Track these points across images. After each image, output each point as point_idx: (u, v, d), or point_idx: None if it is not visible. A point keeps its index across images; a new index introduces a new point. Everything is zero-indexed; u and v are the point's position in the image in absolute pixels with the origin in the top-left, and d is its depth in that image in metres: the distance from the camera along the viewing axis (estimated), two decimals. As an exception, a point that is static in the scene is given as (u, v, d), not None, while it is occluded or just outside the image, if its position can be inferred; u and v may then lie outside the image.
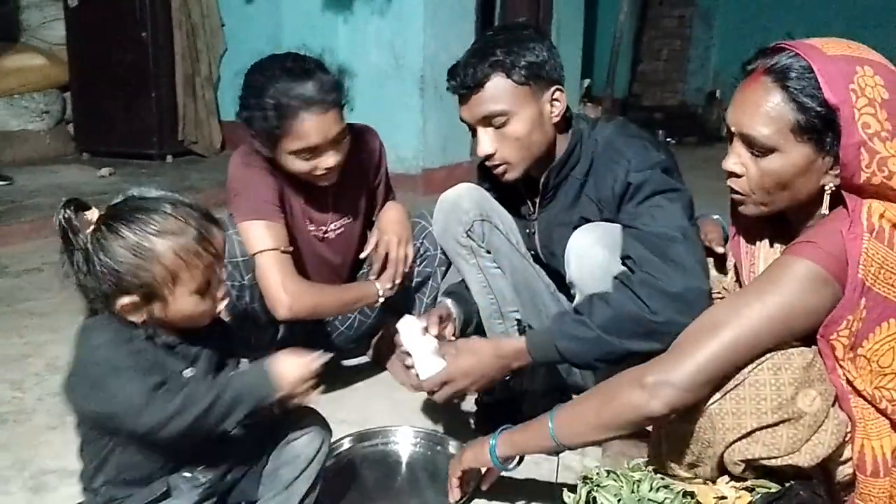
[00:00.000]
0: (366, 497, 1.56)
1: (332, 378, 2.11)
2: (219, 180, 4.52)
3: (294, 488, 1.33)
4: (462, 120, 1.55)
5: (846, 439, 1.14)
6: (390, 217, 1.93)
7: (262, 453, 1.34)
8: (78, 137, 5.36)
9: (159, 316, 1.17)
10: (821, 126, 1.10)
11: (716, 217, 1.59)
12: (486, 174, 1.83)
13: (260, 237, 1.66)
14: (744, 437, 1.12)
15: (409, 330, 1.54)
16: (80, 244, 1.12)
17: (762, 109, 1.12)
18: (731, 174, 1.20)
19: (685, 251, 1.35)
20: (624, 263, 1.41)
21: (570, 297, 1.58)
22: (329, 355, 1.25)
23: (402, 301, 2.04)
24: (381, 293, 1.84)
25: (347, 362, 2.23)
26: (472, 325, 1.82)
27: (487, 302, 1.76)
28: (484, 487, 1.44)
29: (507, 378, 1.70)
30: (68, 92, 5.35)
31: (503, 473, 1.42)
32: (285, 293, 1.64)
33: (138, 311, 1.15)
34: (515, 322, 1.75)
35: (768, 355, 1.11)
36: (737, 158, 1.19)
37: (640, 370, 1.16)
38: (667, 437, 1.25)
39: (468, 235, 1.70)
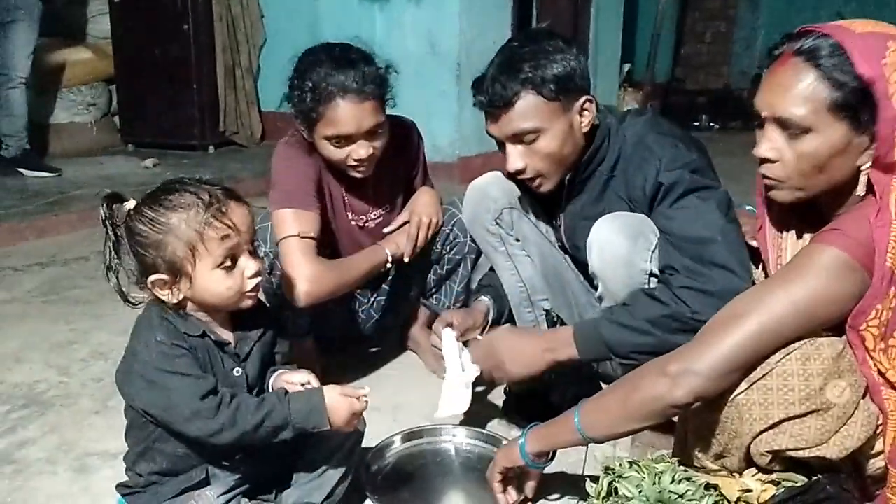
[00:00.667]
0: (417, 497, 1.53)
1: (363, 365, 2.15)
2: (259, 170, 4.61)
3: (327, 475, 1.35)
4: (489, 134, 1.54)
5: (877, 432, 1.11)
6: (422, 200, 1.95)
7: (298, 445, 1.36)
8: (123, 129, 5.50)
9: (189, 295, 1.21)
10: (856, 102, 1.08)
11: (749, 208, 1.56)
12: None
13: (286, 224, 1.69)
14: (771, 427, 1.11)
15: (449, 347, 1.56)
16: (118, 233, 1.20)
17: (796, 89, 1.10)
18: (765, 160, 1.17)
19: (725, 251, 1.33)
20: (663, 272, 1.41)
21: (596, 288, 1.58)
22: (364, 393, 1.28)
23: (431, 287, 2.07)
24: (389, 258, 1.84)
25: (377, 350, 2.26)
26: (504, 316, 1.82)
27: (517, 290, 1.76)
28: (530, 495, 1.42)
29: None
30: (114, 85, 5.49)
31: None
32: (304, 280, 1.65)
33: (170, 290, 1.20)
34: (544, 312, 1.74)
35: (797, 345, 1.09)
36: (770, 144, 1.16)
37: (663, 360, 1.15)
38: (693, 430, 1.24)
39: (497, 223, 1.70)
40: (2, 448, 1.73)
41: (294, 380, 1.32)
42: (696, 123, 7.65)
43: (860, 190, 1.13)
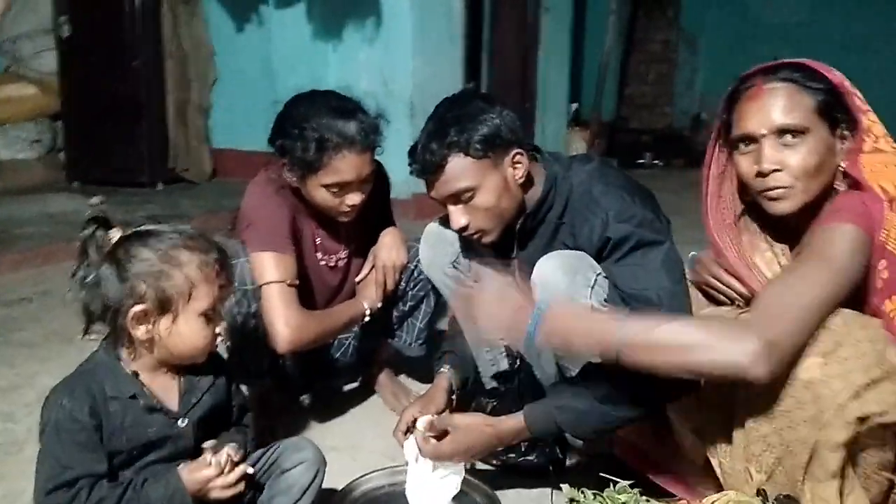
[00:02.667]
0: None
1: (322, 405, 2.13)
2: (209, 207, 4.56)
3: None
4: (431, 198, 1.58)
5: None
6: (385, 242, 1.97)
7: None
8: (69, 166, 5.37)
9: (161, 336, 1.20)
10: (832, 102, 1.29)
11: (693, 254, 1.61)
12: None
13: (268, 268, 1.69)
14: (854, 397, 1.15)
15: (409, 453, 1.54)
16: (101, 258, 1.18)
17: (785, 102, 1.29)
18: (773, 171, 1.30)
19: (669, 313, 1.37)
20: None
21: None
22: (245, 467, 1.26)
23: (394, 323, 2.07)
24: (367, 311, 1.87)
25: (339, 388, 2.24)
26: (470, 379, 1.85)
27: (475, 330, 1.78)
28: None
29: (496, 403, 1.73)
30: (60, 121, 5.38)
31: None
32: (287, 327, 1.67)
33: (146, 324, 1.19)
34: (504, 348, 1.76)
35: (849, 317, 1.19)
36: (771, 157, 1.30)
37: (742, 328, 1.19)
38: (746, 431, 1.26)
39: (454, 266, 1.72)
40: (-57, 500, 1.66)
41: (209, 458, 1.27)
42: (641, 161, 7.88)
43: (841, 186, 1.31)
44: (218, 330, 1.26)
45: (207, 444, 1.26)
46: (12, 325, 2.84)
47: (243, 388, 1.42)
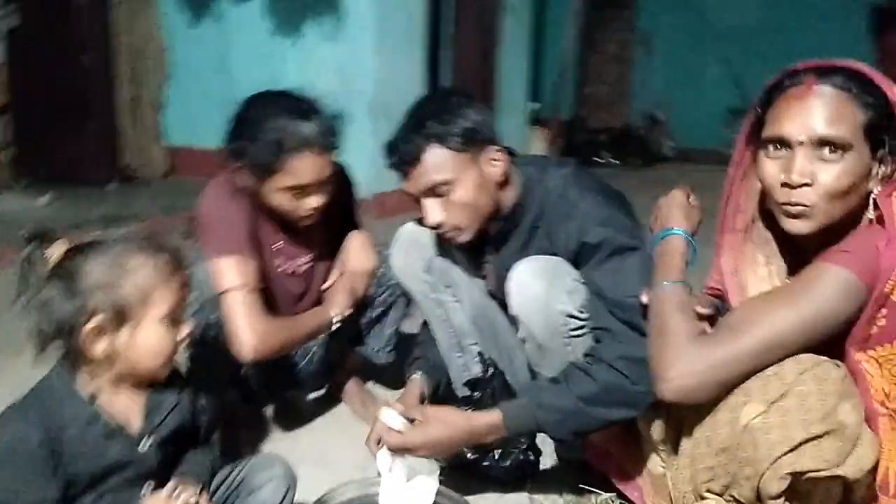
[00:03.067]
0: None
1: (288, 416, 2.07)
2: (163, 207, 4.42)
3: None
4: (406, 193, 1.55)
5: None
6: (353, 247, 1.93)
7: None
8: (15, 164, 5.15)
9: (123, 349, 1.14)
10: (882, 123, 1.17)
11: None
12: None
13: (229, 274, 1.63)
14: (791, 450, 1.11)
15: (382, 466, 1.51)
16: (47, 274, 1.11)
17: (835, 112, 1.16)
18: (803, 185, 1.18)
19: (634, 347, 1.37)
20: (596, 331, 1.46)
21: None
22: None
23: (362, 330, 2.03)
24: (334, 318, 1.82)
25: (306, 396, 2.19)
26: (441, 385, 1.83)
27: (447, 335, 1.76)
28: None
29: (468, 409, 1.70)
30: (5, 117, 5.15)
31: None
32: (251, 334, 1.61)
33: (103, 339, 1.12)
34: (477, 354, 1.74)
35: (807, 364, 1.12)
36: (804, 169, 1.18)
37: (671, 354, 1.16)
38: (694, 461, 1.24)
39: (427, 272, 1.69)
40: None
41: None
42: (600, 160, 7.96)
43: (870, 214, 1.20)
44: (181, 336, 1.21)
45: (169, 484, 1.19)
46: (-45, 333, 2.70)
47: (210, 402, 1.36)
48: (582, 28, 7.95)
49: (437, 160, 1.47)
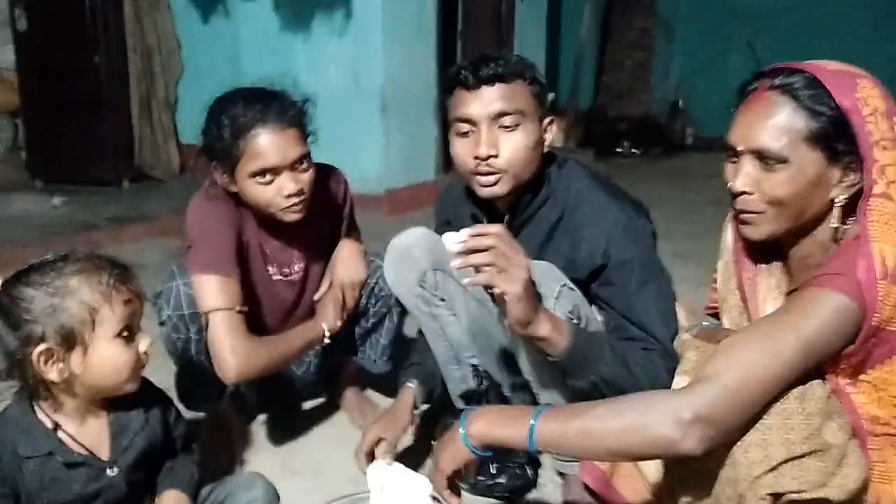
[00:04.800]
0: None
1: (284, 425, 2.04)
2: (177, 206, 4.42)
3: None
4: (458, 119, 1.46)
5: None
6: (342, 257, 1.88)
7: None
8: (30, 165, 5.21)
9: (78, 371, 1.11)
10: (833, 132, 1.11)
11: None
12: (445, 207, 1.78)
13: (212, 294, 1.59)
14: (771, 470, 1.07)
15: (373, 483, 1.42)
16: None
17: (773, 121, 1.13)
18: (742, 193, 1.17)
19: (659, 361, 1.36)
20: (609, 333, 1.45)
21: None
22: None
23: (357, 340, 1.99)
24: (326, 333, 1.78)
25: (301, 405, 2.16)
26: (436, 392, 1.78)
27: (443, 349, 1.71)
28: (473, 480, 1.42)
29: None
30: (19, 118, 5.21)
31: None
32: (234, 356, 1.57)
33: (55, 364, 1.09)
34: (471, 367, 1.69)
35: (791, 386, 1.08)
36: (746, 177, 1.16)
37: (673, 401, 1.08)
38: (681, 481, 1.19)
39: (421, 286, 1.64)
40: None
41: None
42: (619, 150, 7.84)
43: (834, 222, 1.16)
44: (142, 348, 1.17)
45: None
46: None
47: (186, 414, 1.33)
48: (600, 16, 7.83)
49: (518, 90, 1.43)
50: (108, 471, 1.18)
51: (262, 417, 2.07)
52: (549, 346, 1.35)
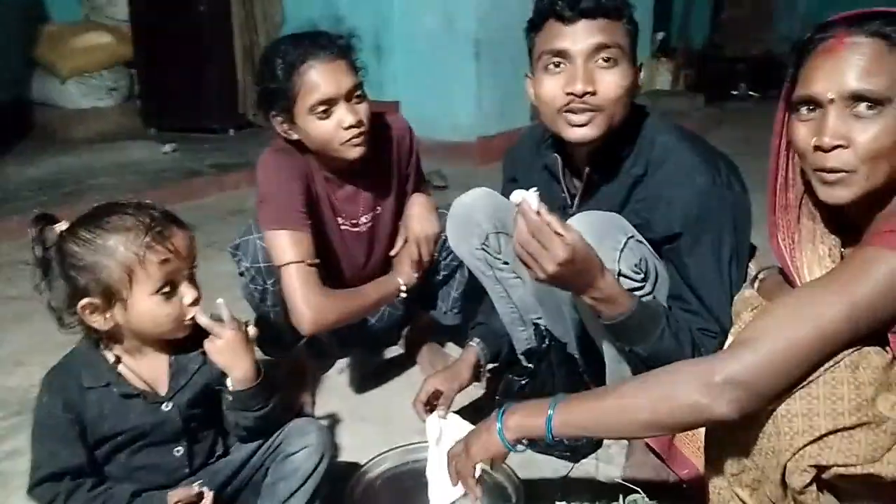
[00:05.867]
0: None
1: (358, 373, 2.08)
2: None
3: (291, 503, 1.31)
4: (549, 52, 1.38)
5: None
6: (416, 212, 1.87)
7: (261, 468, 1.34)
8: (144, 113, 5.50)
9: (124, 322, 1.18)
10: None
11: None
12: (515, 162, 1.71)
13: (285, 248, 1.63)
14: (815, 441, 1.00)
15: (431, 432, 1.47)
16: (48, 256, 1.17)
17: (867, 62, 1.02)
18: (835, 147, 1.04)
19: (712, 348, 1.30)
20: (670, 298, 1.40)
21: None
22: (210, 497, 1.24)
23: (429, 293, 1.99)
24: (402, 287, 1.80)
25: (373, 355, 2.19)
26: (502, 353, 1.76)
27: (508, 310, 1.69)
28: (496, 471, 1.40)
29: (525, 381, 1.63)
30: (131, 70, 5.48)
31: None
32: (309, 309, 1.61)
33: (101, 315, 1.17)
34: (533, 325, 1.65)
35: (844, 351, 0.99)
36: (837, 130, 1.04)
37: (703, 365, 1.04)
38: (726, 451, 1.13)
39: (483, 248, 1.60)
40: (-12, 458, 1.73)
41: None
42: (735, 93, 7.35)
43: None
44: (187, 300, 1.20)
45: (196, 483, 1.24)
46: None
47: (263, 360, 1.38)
48: (718, -55, 7.25)
49: (618, 27, 1.37)
50: (164, 406, 1.24)
51: (337, 364, 2.13)
52: (604, 312, 1.30)
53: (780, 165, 1.21)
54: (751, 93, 7.42)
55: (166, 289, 1.18)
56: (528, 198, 1.24)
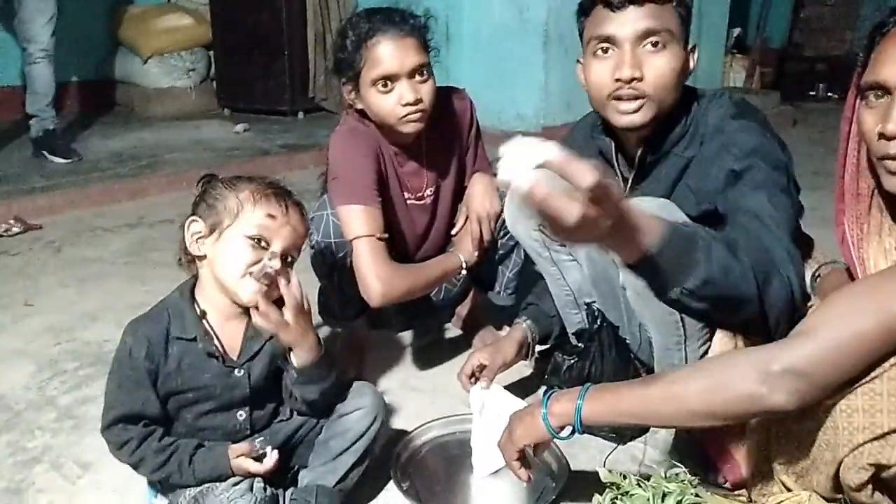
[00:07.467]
0: (445, 489, 1.51)
1: (413, 346, 2.13)
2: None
3: (341, 460, 1.36)
4: (597, 38, 1.37)
5: None
6: (478, 191, 1.90)
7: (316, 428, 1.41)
8: (220, 94, 5.69)
9: (210, 254, 1.27)
10: None
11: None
12: (571, 147, 1.71)
13: (356, 222, 1.68)
14: (876, 438, 0.98)
15: (474, 403, 1.51)
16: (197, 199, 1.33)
17: None
18: None
19: (769, 239, 1.21)
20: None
21: None
22: (274, 456, 1.30)
23: (486, 272, 2.02)
24: (464, 264, 1.84)
25: (427, 327, 2.24)
26: (554, 334, 1.77)
27: (562, 293, 1.69)
28: (539, 462, 1.38)
29: (574, 361, 1.64)
30: (208, 52, 5.66)
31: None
32: (378, 281, 1.66)
33: (200, 242, 1.28)
34: (585, 305, 1.65)
35: None
36: None
37: (759, 354, 1.01)
38: (777, 437, 1.12)
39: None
40: (66, 403, 1.84)
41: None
42: (812, 93, 7.10)
43: None
44: (266, 258, 1.25)
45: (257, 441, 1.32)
46: (151, 244, 3.09)
47: (322, 330, 1.44)
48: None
49: (666, 11, 1.36)
50: (236, 371, 1.31)
51: (395, 337, 2.18)
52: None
53: (849, 151, 1.17)
54: (829, 94, 7.16)
55: (258, 240, 1.26)
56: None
